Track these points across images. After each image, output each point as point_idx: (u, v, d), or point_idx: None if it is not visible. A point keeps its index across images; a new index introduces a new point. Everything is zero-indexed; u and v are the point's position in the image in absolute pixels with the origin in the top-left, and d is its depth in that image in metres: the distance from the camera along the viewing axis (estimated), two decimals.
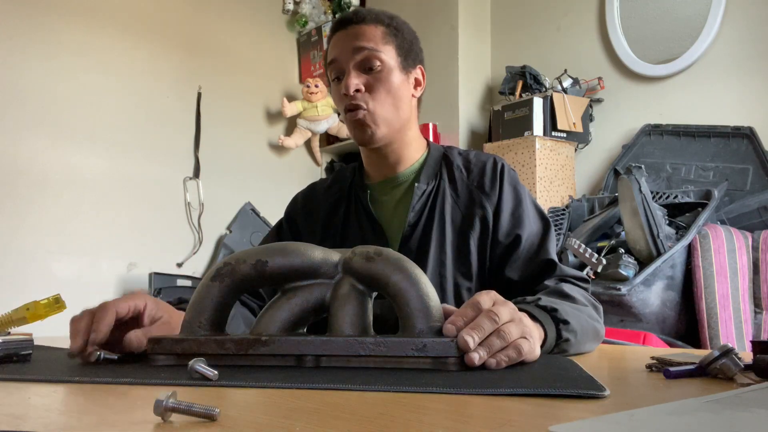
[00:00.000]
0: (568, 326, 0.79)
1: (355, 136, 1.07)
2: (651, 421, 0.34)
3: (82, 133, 2.91)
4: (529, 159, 2.79)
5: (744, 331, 2.09)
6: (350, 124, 1.06)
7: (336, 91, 1.07)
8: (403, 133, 1.09)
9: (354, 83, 1.02)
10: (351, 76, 1.02)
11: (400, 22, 1.10)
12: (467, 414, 0.40)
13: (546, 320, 0.77)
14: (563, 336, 0.78)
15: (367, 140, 1.05)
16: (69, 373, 0.60)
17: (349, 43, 1.04)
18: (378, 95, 1.03)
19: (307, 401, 0.45)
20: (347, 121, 1.06)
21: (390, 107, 1.05)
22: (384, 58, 1.04)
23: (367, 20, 1.06)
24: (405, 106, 1.08)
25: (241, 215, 3.45)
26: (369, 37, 1.04)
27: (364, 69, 1.04)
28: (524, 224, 1.05)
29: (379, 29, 1.05)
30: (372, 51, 1.03)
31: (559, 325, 0.78)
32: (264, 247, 0.72)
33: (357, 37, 1.04)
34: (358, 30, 1.05)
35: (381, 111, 1.04)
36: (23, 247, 2.70)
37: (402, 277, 0.65)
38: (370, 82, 1.04)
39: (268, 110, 3.67)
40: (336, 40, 1.07)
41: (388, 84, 1.04)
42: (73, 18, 2.92)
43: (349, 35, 1.05)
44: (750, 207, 2.36)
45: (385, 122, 1.05)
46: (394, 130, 1.07)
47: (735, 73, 2.57)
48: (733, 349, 0.56)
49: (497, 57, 3.42)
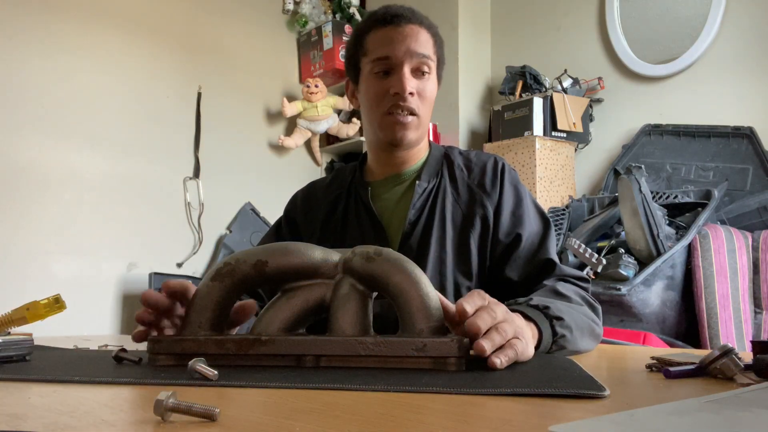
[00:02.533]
0: (562, 322, 0.79)
1: (393, 136, 1.06)
2: (651, 421, 0.34)
3: (82, 133, 2.91)
4: (529, 159, 2.79)
5: (744, 331, 2.09)
6: (392, 122, 1.05)
7: (380, 86, 1.05)
8: (425, 137, 1.13)
9: (411, 85, 1.03)
10: (408, 77, 1.03)
11: (439, 31, 1.11)
12: (467, 414, 0.40)
13: (539, 318, 0.77)
14: (558, 332, 0.78)
15: (404, 141, 1.07)
16: (69, 373, 0.60)
17: (407, 43, 1.03)
18: (425, 102, 1.06)
19: (307, 401, 0.45)
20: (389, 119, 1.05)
21: (428, 115, 1.09)
22: (433, 67, 1.07)
23: (423, 24, 1.06)
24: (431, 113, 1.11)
25: (241, 215, 3.45)
26: (425, 43, 1.05)
27: (415, 73, 1.05)
28: (525, 223, 1.05)
29: (430, 36, 1.07)
30: (428, 58, 1.05)
31: (552, 322, 0.78)
32: (264, 247, 0.72)
33: (415, 40, 1.04)
34: (417, 32, 1.05)
35: (424, 118, 1.07)
36: (23, 247, 2.70)
37: (402, 277, 0.66)
38: (420, 88, 1.05)
39: (268, 110, 3.67)
40: (389, 35, 1.05)
41: (432, 93, 1.08)
42: (73, 18, 2.92)
43: (407, 35, 1.04)
44: (750, 207, 2.36)
45: (423, 128, 1.09)
46: (423, 135, 1.11)
47: (735, 73, 2.57)
48: (733, 349, 0.56)
49: (497, 57, 3.42)
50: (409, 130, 1.05)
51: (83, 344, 1.03)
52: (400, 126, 1.05)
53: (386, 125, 1.06)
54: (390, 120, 1.05)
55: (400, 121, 1.04)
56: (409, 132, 1.06)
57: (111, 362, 0.69)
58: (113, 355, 0.70)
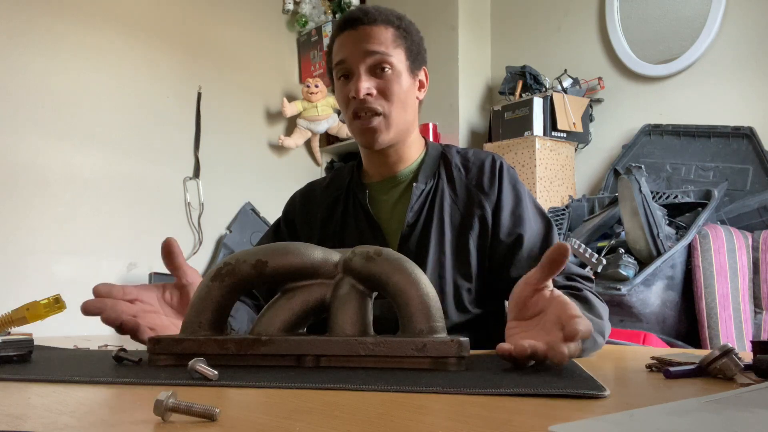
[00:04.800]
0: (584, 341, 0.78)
1: (363, 140, 1.06)
2: (651, 421, 0.34)
3: (82, 133, 2.91)
4: (529, 159, 2.79)
5: (744, 331, 2.09)
6: (359, 127, 1.04)
7: (342, 91, 1.06)
8: (407, 135, 1.09)
9: (365, 87, 1.01)
10: (362, 79, 1.01)
11: (408, 22, 1.08)
12: (467, 414, 0.40)
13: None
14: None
15: (375, 144, 1.05)
16: (69, 373, 0.60)
17: (360, 45, 1.02)
18: (389, 99, 1.03)
19: (307, 401, 0.45)
20: (356, 124, 1.05)
21: (400, 111, 1.05)
22: (394, 62, 1.03)
23: (378, 21, 1.04)
24: (411, 109, 1.08)
25: (241, 215, 3.45)
26: (380, 40, 1.03)
27: (375, 72, 1.03)
28: (525, 223, 1.04)
29: (389, 31, 1.04)
30: (383, 55, 1.02)
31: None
32: (264, 247, 0.72)
33: (368, 40, 1.02)
34: (369, 31, 1.03)
35: (392, 115, 1.04)
36: (23, 247, 2.70)
37: (402, 277, 0.65)
38: (381, 86, 1.03)
39: (268, 110, 3.67)
40: (344, 40, 1.04)
41: (398, 88, 1.04)
42: (73, 18, 2.92)
43: (360, 36, 1.03)
44: (750, 207, 2.36)
45: (395, 126, 1.05)
46: (400, 133, 1.07)
47: (735, 73, 2.57)
48: (733, 349, 0.56)
49: (497, 57, 3.42)
50: (377, 132, 1.03)
51: (83, 344, 1.03)
52: (366, 129, 1.04)
53: (354, 130, 1.06)
54: (356, 125, 1.05)
55: (365, 125, 1.03)
56: (376, 134, 1.04)
57: (111, 362, 0.69)
58: (113, 355, 0.70)
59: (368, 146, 1.06)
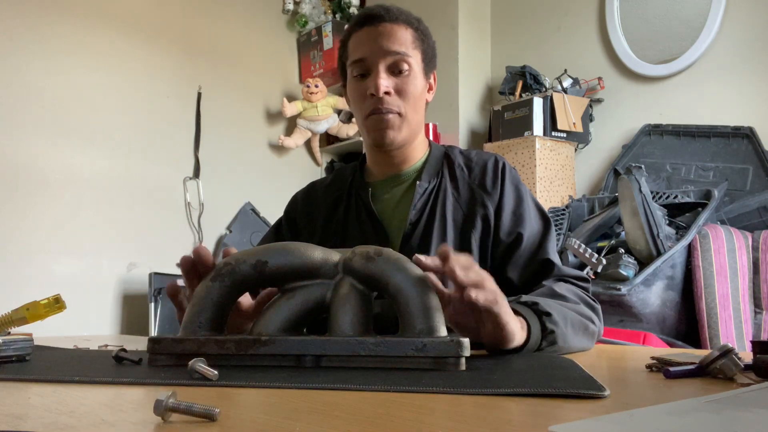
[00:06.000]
0: (550, 318, 0.79)
1: (376, 137, 1.06)
2: (651, 421, 0.34)
3: (82, 133, 2.91)
4: (529, 159, 2.79)
5: (744, 331, 2.09)
6: (375, 124, 1.04)
7: (359, 88, 1.05)
8: (416, 136, 1.10)
9: (385, 84, 1.01)
10: (382, 76, 1.01)
11: (425, 26, 1.09)
12: (467, 414, 0.40)
13: (528, 313, 0.78)
14: (548, 328, 0.78)
15: (387, 142, 1.05)
16: (69, 373, 0.60)
17: (381, 43, 1.02)
18: (406, 100, 1.04)
19: (307, 401, 0.45)
20: (372, 119, 1.04)
21: (413, 112, 1.06)
22: (413, 63, 1.04)
23: (399, 20, 1.04)
24: (421, 111, 1.09)
25: (241, 215, 3.45)
26: (401, 40, 1.03)
27: (393, 71, 1.03)
28: (525, 223, 1.05)
29: (409, 32, 1.04)
30: (404, 56, 1.03)
31: (541, 318, 0.78)
32: (264, 247, 0.72)
33: (390, 38, 1.02)
34: (390, 30, 1.03)
35: (407, 116, 1.05)
36: (23, 247, 2.70)
37: (402, 277, 0.66)
38: (398, 86, 1.03)
39: (268, 110, 3.67)
40: (365, 36, 1.04)
41: (414, 89, 1.04)
42: (73, 18, 2.91)
43: (381, 34, 1.03)
44: (750, 207, 2.36)
45: (408, 127, 1.06)
46: (412, 134, 1.08)
47: (735, 73, 2.57)
48: (733, 349, 0.56)
49: (497, 57, 3.42)
50: (392, 130, 1.04)
51: (83, 344, 1.03)
52: (383, 127, 1.04)
53: (369, 127, 1.06)
54: (372, 121, 1.04)
55: (382, 122, 1.03)
56: (393, 132, 1.04)
57: (111, 362, 0.69)
58: (113, 355, 0.70)
59: (380, 144, 1.06)
